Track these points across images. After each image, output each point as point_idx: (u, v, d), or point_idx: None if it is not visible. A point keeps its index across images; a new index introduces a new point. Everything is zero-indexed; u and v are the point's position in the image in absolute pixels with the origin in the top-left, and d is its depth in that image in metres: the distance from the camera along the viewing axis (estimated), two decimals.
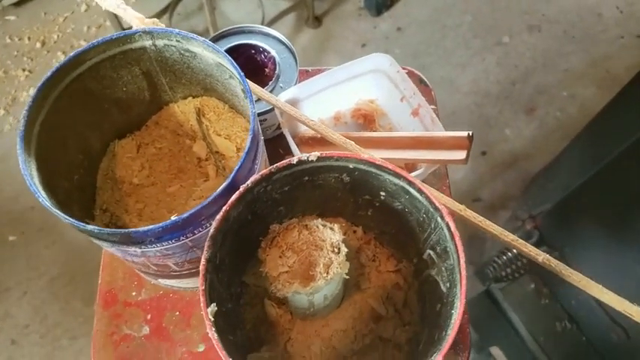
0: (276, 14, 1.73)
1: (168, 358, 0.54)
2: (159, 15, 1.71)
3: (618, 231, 0.74)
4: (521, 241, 0.47)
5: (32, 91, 1.55)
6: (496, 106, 1.56)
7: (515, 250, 0.93)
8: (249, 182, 0.39)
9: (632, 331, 0.78)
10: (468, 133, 0.48)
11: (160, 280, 0.54)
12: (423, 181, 0.44)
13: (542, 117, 1.53)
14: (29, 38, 1.70)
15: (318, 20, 1.72)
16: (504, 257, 0.93)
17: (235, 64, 0.45)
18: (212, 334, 0.35)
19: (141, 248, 0.41)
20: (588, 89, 1.56)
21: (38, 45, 1.68)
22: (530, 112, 1.54)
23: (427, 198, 0.40)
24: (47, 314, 1.28)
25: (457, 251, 0.38)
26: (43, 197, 0.39)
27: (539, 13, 1.71)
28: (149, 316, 0.56)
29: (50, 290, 1.30)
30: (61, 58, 1.66)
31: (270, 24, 1.71)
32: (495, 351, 1.15)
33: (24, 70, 1.64)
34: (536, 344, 0.96)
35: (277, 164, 0.40)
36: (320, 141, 0.59)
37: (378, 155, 0.50)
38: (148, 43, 0.47)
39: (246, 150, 0.41)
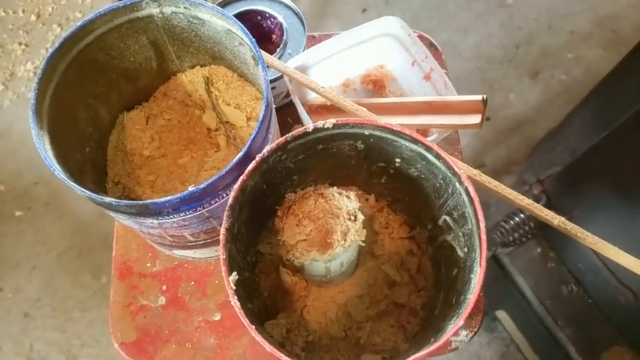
0: None
1: (186, 327, 0.55)
2: None
3: (628, 194, 0.73)
4: (536, 204, 0.47)
5: (30, 67, 1.54)
6: (500, 70, 1.54)
7: (522, 215, 0.93)
8: (264, 151, 0.39)
9: None
10: (483, 97, 0.48)
11: (174, 250, 0.54)
12: None
13: (546, 80, 1.51)
14: (23, 11, 1.66)
15: None
16: (511, 222, 0.93)
17: (246, 29, 0.43)
18: (234, 302, 0.35)
19: (158, 220, 0.41)
20: (594, 51, 1.53)
21: (33, 18, 1.65)
22: (534, 75, 1.52)
23: (445, 163, 0.39)
24: (57, 287, 1.29)
25: (476, 216, 0.38)
26: (58, 170, 0.39)
27: None
28: (164, 287, 0.57)
29: (59, 264, 1.31)
30: (57, 31, 1.63)
31: None
32: (501, 314, 1.17)
33: (20, 44, 1.61)
34: (542, 307, 0.97)
35: (292, 132, 0.40)
36: (330, 108, 0.59)
37: (391, 121, 0.50)
38: (155, 10, 0.46)
39: (260, 119, 0.41)
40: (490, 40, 1.58)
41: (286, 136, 0.40)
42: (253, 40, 0.44)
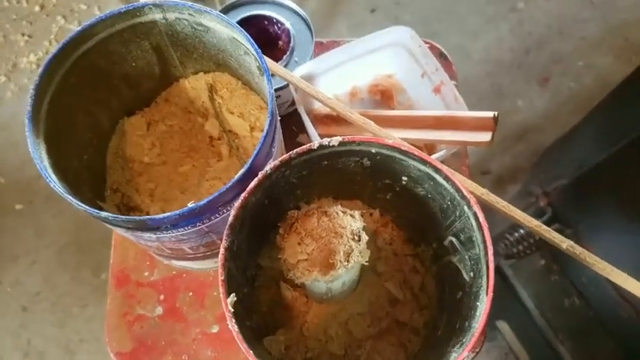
0: None
1: (183, 338, 0.54)
2: None
3: (637, 213, 0.72)
4: (544, 227, 0.46)
5: (33, 58, 1.53)
6: (508, 75, 1.52)
7: None
8: (267, 169, 0.38)
9: None
10: (494, 114, 0.46)
11: (173, 261, 0.53)
12: (442, 162, 0.42)
13: (555, 87, 1.49)
14: (27, 1, 1.65)
15: None
16: (516, 234, 0.91)
17: (252, 40, 0.42)
18: (232, 325, 0.34)
19: (156, 234, 0.40)
20: (604, 58, 1.51)
21: (37, 8, 1.63)
22: (543, 82, 1.50)
23: (454, 185, 0.38)
24: (57, 282, 1.28)
25: (485, 242, 0.36)
26: (54, 182, 0.38)
27: None
28: (162, 297, 0.55)
29: (59, 259, 1.30)
30: (61, 23, 1.61)
31: None
32: (501, 324, 1.15)
33: (23, 34, 1.59)
34: (543, 320, 0.96)
35: (297, 149, 0.39)
36: (336, 119, 0.57)
37: (397, 135, 0.49)
38: (158, 16, 0.45)
39: (264, 134, 0.39)
40: (500, 44, 1.56)
41: (290, 153, 0.38)
42: (259, 50, 0.42)
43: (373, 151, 0.41)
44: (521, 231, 0.91)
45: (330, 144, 0.39)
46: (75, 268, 1.30)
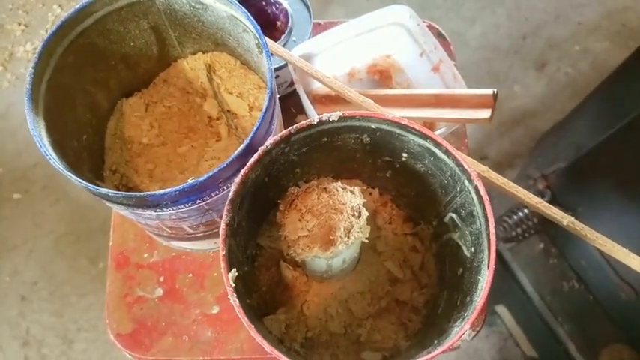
0: None
1: (183, 319, 0.54)
2: None
3: (634, 193, 0.72)
4: (545, 204, 0.46)
5: (29, 47, 1.51)
6: (506, 61, 1.51)
7: (525, 210, 0.92)
8: (267, 144, 0.38)
9: None
10: (493, 91, 0.46)
11: (172, 242, 0.53)
12: None
13: (552, 73, 1.49)
14: None
15: None
16: (515, 217, 0.92)
17: (250, 16, 0.42)
18: (234, 300, 0.34)
19: (156, 212, 0.40)
20: (601, 43, 1.51)
21: None
22: (540, 67, 1.50)
23: (455, 160, 0.38)
24: (55, 271, 1.28)
25: (486, 215, 0.36)
26: (54, 159, 0.37)
27: None
28: (162, 278, 0.55)
29: (57, 248, 1.30)
30: (57, 12, 1.60)
31: None
32: (500, 309, 1.16)
33: (20, 24, 1.58)
34: (542, 303, 0.96)
35: (297, 125, 0.38)
36: (335, 99, 0.57)
37: (397, 114, 0.48)
38: None
39: (263, 110, 0.39)
40: (497, 30, 1.56)
41: (290, 128, 0.38)
42: (258, 27, 0.42)
43: (373, 126, 0.40)
44: (520, 214, 0.91)
45: (330, 119, 0.39)
46: (73, 257, 1.30)
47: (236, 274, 0.36)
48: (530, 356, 1.11)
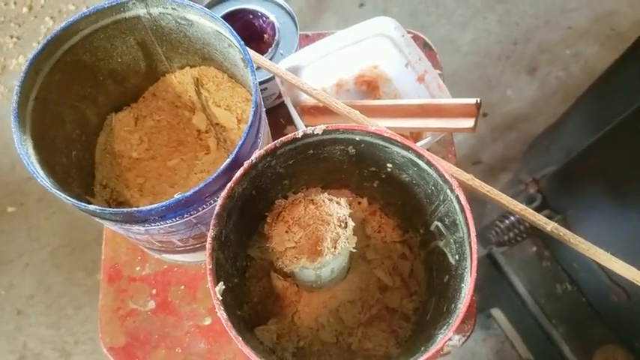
0: None
1: (176, 332, 0.54)
2: None
3: (623, 195, 0.73)
4: (530, 210, 0.46)
5: (22, 60, 1.52)
6: (497, 66, 1.53)
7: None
8: (253, 158, 0.38)
9: (633, 292, 0.79)
10: (476, 100, 0.47)
11: (164, 255, 0.53)
12: (428, 149, 0.42)
13: (543, 77, 1.50)
14: (15, 3, 1.64)
15: None
16: (506, 221, 0.92)
17: (235, 33, 0.42)
18: (221, 313, 0.35)
19: (144, 226, 0.40)
20: (592, 47, 1.52)
21: (25, 10, 1.63)
22: (531, 72, 1.51)
23: (436, 170, 0.39)
24: (51, 285, 1.28)
25: (467, 224, 0.37)
26: (41, 177, 0.38)
27: None
28: (154, 291, 0.56)
29: (52, 261, 1.30)
30: (49, 24, 1.61)
31: None
32: (496, 312, 1.16)
33: (12, 37, 1.59)
34: (536, 306, 0.97)
35: (282, 138, 0.39)
36: (322, 110, 0.58)
37: (383, 124, 0.49)
38: (142, 11, 0.45)
39: (248, 124, 0.40)
40: (488, 36, 1.57)
41: (275, 142, 0.39)
42: (242, 42, 0.43)
43: (357, 138, 0.41)
44: (512, 218, 0.92)
45: (315, 132, 0.39)
46: (69, 270, 1.30)
47: (224, 287, 0.36)
48: (527, 358, 1.11)
